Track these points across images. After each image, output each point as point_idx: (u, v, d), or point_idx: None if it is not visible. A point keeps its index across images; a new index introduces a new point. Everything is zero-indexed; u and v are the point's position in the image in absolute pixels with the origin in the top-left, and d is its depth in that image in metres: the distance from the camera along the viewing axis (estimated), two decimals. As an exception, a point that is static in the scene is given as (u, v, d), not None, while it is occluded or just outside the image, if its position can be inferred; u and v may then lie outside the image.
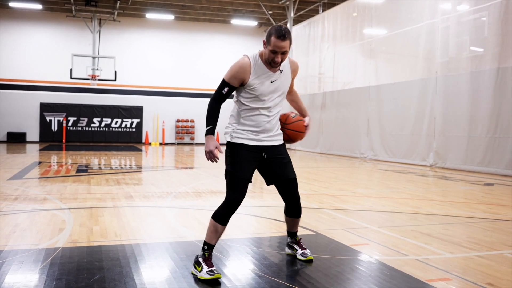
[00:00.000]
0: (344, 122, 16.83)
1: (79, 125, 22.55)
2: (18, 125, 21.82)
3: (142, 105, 23.30)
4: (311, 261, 3.43)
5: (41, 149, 17.00)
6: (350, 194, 7.06)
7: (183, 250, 3.66)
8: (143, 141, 23.36)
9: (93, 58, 20.31)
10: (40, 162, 11.66)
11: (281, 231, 4.38)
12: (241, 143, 3.17)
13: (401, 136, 13.79)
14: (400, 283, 2.98)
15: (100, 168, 10.65)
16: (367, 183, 8.78)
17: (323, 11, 18.88)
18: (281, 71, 3.18)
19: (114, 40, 22.55)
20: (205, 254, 3.11)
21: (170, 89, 23.68)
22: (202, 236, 4.07)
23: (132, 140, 23.17)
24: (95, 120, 22.74)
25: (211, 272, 2.99)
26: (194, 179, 8.70)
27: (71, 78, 19.94)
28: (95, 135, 22.76)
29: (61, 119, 22.20)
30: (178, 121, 23.85)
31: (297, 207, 3.40)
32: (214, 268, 3.04)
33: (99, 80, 20.32)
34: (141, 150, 18.23)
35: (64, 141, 22.01)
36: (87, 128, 22.66)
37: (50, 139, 21.99)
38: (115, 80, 20.65)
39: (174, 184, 7.87)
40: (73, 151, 16.84)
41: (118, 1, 19.32)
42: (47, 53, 21.99)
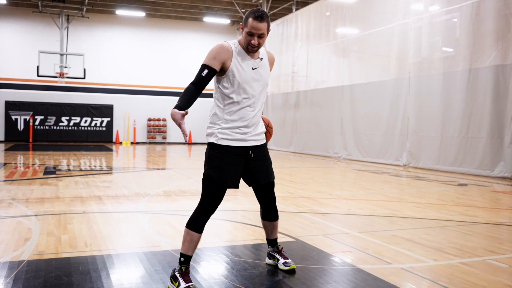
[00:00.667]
0: (318, 121, 16.81)
1: (46, 124, 21.88)
2: (-18, 124, 21.05)
3: (113, 103, 22.79)
4: (294, 270, 3.29)
5: (6, 149, 16.40)
6: (327, 197, 6.97)
7: (158, 262, 3.47)
8: (114, 140, 22.87)
9: (61, 55, 19.72)
10: (5, 164, 11.20)
11: (260, 238, 4.23)
12: (228, 145, 2.98)
13: (374, 135, 13.84)
14: (387, 295, 2.86)
15: (69, 169, 10.29)
16: (343, 185, 8.72)
17: (296, 9, 18.82)
18: (261, 59, 3.07)
19: (82, 37, 21.97)
20: (181, 268, 2.93)
21: (141, 87, 23.24)
22: (178, 245, 3.89)
23: (103, 139, 22.64)
24: (63, 118, 22.12)
25: (188, 288, 2.82)
26: (166, 180, 8.47)
27: (38, 75, 19.31)
28: (64, 134, 22.14)
29: (27, 117, 21.51)
30: (149, 120, 23.43)
31: (274, 209, 3.29)
32: (192, 284, 2.86)
33: (67, 78, 19.74)
34: (111, 150, 17.80)
35: (31, 140, 21.33)
36: (55, 127, 22.02)
37: (16, 139, 21.28)
38: (84, 78, 20.10)
39: (146, 186, 7.63)
40: (40, 151, 16.30)
41: (87, -3, 18.81)
42: (12, 49, 21.25)
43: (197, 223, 2.96)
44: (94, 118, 22.56)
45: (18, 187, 7.25)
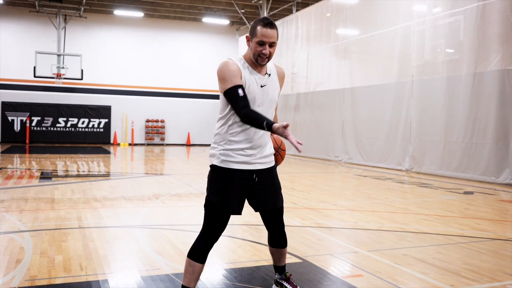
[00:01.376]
0: (318, 124, 16.60)
1: (43, 125, 21.62)
2: (-23, 125, 20.79)
3: (110, 104, 22.54)
4: (303, 300, 3.07)
5: (2, 152, 16.15)
6: (332, 207, 6.75)
7: (158, 289, 3.25)
8: (112, 141, 22.62)
9: (58, 56, 19.46)
10: (0, 169, 10.96)
11: (266, 259, 4.01)
12: (231, 168, 2.75)
13: (376, 139, 13.64)
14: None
15: (66, 175, 10.05)
16: (346, 193, 8.50)
17: (296, 10, 18.60)
18: (269, 75, 2.84)
19: (80, 37, 21.71)
20: None
21: (139, 88, 23.00)
22: (178, 268, 3.68)
23: (100, 140, 22.39)
24: (60, 120, 21.86)
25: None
26: (165, 188, 8.24)
27: (34, 76, 19.05)
28: (61, 135, 21.88)
29: (24, 118, 21.25)
30: (148, 121, 23.19)
31: (282, 235, 3.06)
32: None
33: (64, 78, 19.49)
34: (109, 152, 17.56)
35: (27, 142, 21.07)
36: (52, 128, 21.77)
37: (13, 140, 21.01)
38: (81, 79, 19.86)
39: (144, 196, 7.40)
40: (37, 153, 16.06)
41: (85, -3, 18.55)
42: (9, 50, 20.97)
43: (199, 252, 2.75)
44: (92, 119, 22.31)
45: (13, 195, 7.02)
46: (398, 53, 12.92)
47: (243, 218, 5.70)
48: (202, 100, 23.87)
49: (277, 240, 3.05)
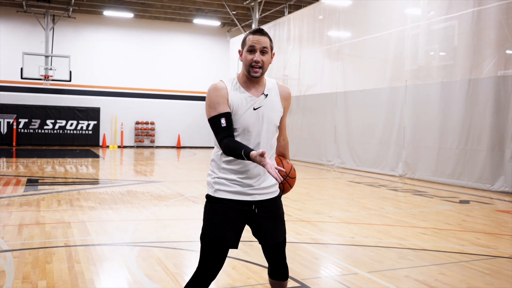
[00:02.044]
0: (310, 128, 16.44)
1: (31, 127, 21.24)
2: (-37, 127, 20.37)
3: (99, 106, 22.21)
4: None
5: (-12, 155, 15.79)
6: (327, 219, 6.58)
7: (148, 322, 3.03)
8: (101, 144, 22.29)
9: (46, 57, 19.10)
10: (-16, 175, 10.66)
11: (262, 283, 3.82)
12: (225, 198, 2.51)
13: (369, 144, 13.50)
14: None
15: (52, 182, 9.77)
16: (341, 202, 8.33)
17: (288, 12, 18.42)
18: (266, 95, 2.56)
19: (69, 38, 21.35)
20: None
21: (129, 90, 22.69)
22: (171, 296, 3.47)
23: (89, 143, 22.05)
24: (48, 122, 21.48)
25: None
26: (156, 198, 8.01)
27: (21, 78, 18.68)
28: (49, 137, 21.51)
29: (11, 120, 20.84)
30: (137, 123, 22.88)
31: (283, 268, 2.81)
32: None
33: (52, 80, 19.13)
34: (98, 156, 17.25)
35: (14, 144, 20.67)
36: (40, 131, 21.38)
37: (-1, 142, 20.62)
38: (69, 81, 19.51)
39: (134, 207, 7.17)
40: (24, 157, 15.73)
41: (73, -3, 18.21)
42: (-5, 50, 20.57)
43: None
44: (80, 121, 21.96)
45: (-4, 207, 6.76)
46: (391, 58, 12.80)
47: (237, 234, 5.48)
48: (193, 102, 23.61)
49: (278, 272, 2.82)
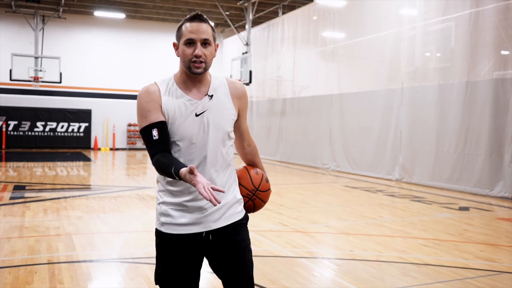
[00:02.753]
0: (305, 130, 16.21)
1: (20, 129, 20.84)
2: (-49, 130, 19.96)
3: (91, 108, 21.85)
4: None
5: (-25, 159, 15.44)
6: (324, 230, 6.34)
7: None
8: (92, 146, 21.94)
9: (36, 58, 18.73)
10: (-30, 181, 10.33)
11: (256, 307, 3.57)
12: (173, 233, 2.08)
13: (365, 147, 13.28)
14: None
15: (40, 189, 9.46)
16: (338, 211, 8.09)
17: (283, 13, 18.18)
18: (210, 96, 2.11)
19: (59, 39, 20.98)
20: None
21: (121, 91, 22.34)
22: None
23: (80, 145, 21.67)
24: (38, 124, 21.09)
25: None
26: (146, 206, 7.74)
27: (10, 80, 18.31)
28: (39, 140, 21.12)
29: (0, 123, 20.44)
30: (130, 125, 22.55)
31: None
32: None
33: (42, 82, 18.76)
34: (89, 160, 16.92)
35: (3, 147, 20.27)
36: (29, 133, 21.00)
37: (-12, 145, 20.22)
38: (60, 82, 19.14)
39: (123, 216, 6.90)
40: (13, 161, 15.39)
41: (63, -3, 17.86)
42: (-16, 51, 20.16)
43: None
44: (71, 123, 21.58)
45: (-21, 218, 6.46)
46: (387, 59, 12.58)
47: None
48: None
49: None
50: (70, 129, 21.58)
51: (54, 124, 21.33)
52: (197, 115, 2.08)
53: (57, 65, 18.78)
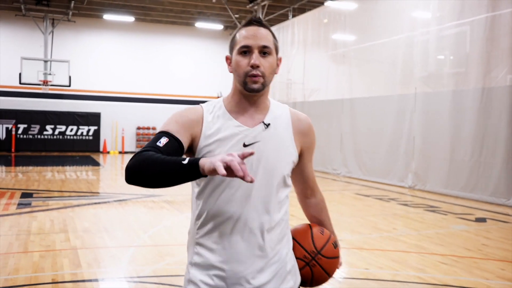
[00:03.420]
0: (316, 135, 15.93)
1: (30, 132, 20.83)
2: (-39, 133, 20.00)
3: (100, 111, 21.80)
4: None
5: (-16, 164, 15.42)
6: (337, 245, 6.13)
7: None
8: (101, 149, 21.89)
9: (45, 61, 18.71)
10: (-22, 188, 10.26)
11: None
12: None
13: (377, 153, 13.04)
14: None
15: (47, 197, 9.35)
16: (351, 222, 7.88)
17: (293, 16, 17.99)
18: (267, 125, 1.70)
19: (68, 42, 20.95)
20: None
21: (130, 95, 22.28)
22: None
23: (89, 148, 21.63)
24: (48, 127, 21.08)
25: None
26: (156, 218, 7.59)
27: (20, 83, 18.30)
28: (48, 143, 21.09)
29: (10, 126, 20.44)
30: (138, 128, 22.47)
31: None
32: None
33: (51, 85, 18.74)
34: (98, 164, 16.85)
35: (13, 150, 20.27)
36: (39, 136, 20.98)
37: (-2, 148, 20.22)
38: (69, 86, 19.12)
39: (131, 228, 6.75)
40: (22, 165, 15.35)
41: (73, 1, 17.81)
42: (-6, 55, 20.19)
43: None
44: (81, 127, 21.55)
45: (-16, 230, 6.34)
46: (400, 64, 12.33)
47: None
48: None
49: None
50: (79, 133, 21.54)
51: (63, 128, 21.31)
52: (245, 146, 1.66)
53: (66, 68, 18.77)
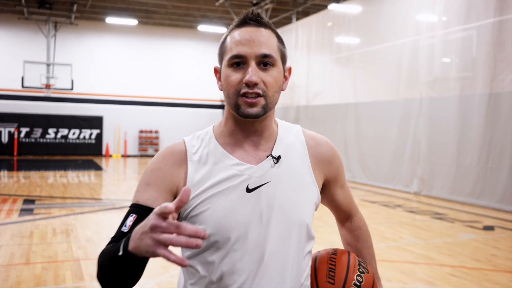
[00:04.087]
0: (320, 139, 15.85)
1: (32, 136, 20.78)
2: (-37, 137, 19.96)
3: (102, 114, 21.73)
4: None
5: (-13, 168, 15.36)
6: (344, 255, 6.02)
7: None
8: (104, 153, 21.81)
9: (48, 65, 18.65)
10: (-20, 194, 10.18)
11: None
12: None
13: (381, 158, 12.93)
14: None
15: (49, 204, 9.26)
16: (356, 228, 7.75)
17: (297, 19, 17.89)
18: (276, 158, 1.32)
19: (71, 45, 20.89)
20: None
21: (132, 98, 22.21)
22: None
23: (92, 152, 21.55)
24: (50, 130, 21.01)
25: None
26: (158, 225, 7.48)
27: (22, 87, 18.25)
28: (51, 147, 21.03)
29: (12, 130, 20.39)
30: (141, 131, 22.39)
31: None
32: None
33: (54, 88, 18.67)
34: (100, 168, 16.76)
35: (15, 154, 20.20)
36: (41, 140, 20.92)
37: (0, 152, 20.15)
38: (71, 89, 19.06)
39: (134, 237, 6.64)
40: (24, 170, 15.27)
41: (75, 4, 17.76)
42: (-4, 58, 20.15)
43: None
44: (83, 130, 21.49)
45: (-15, 239, 6.26)
46: (405, 68, 12.22)
47: None
48: (197, 110, 23.14)
49: None
50: (81, 136, 21.48)
51: (65, 131, 21.25)
52: (249, 191, 1.28)
53: (68, 72, 18.71)
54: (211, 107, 23.04)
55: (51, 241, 6.28)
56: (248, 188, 1.27)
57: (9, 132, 20.35)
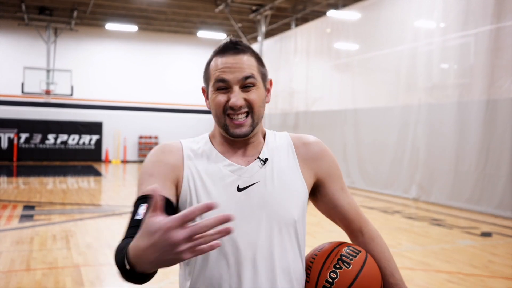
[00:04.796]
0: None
1: (32, 142, 20.80)
2: (-37, 142, 19.98)
3: (102, 120, 21.78)
4: None
5: (-14, 174, 15.38)
6: (342, 262, 6.05)
7: None
8: (103, 159, 21.84)
9: (47, 71, 18.71)
10: (-20, 200, 10.21)
11: None
12: None
13: (380, 164, 12.98)
14: None
15: (49, 210, 9.29)
16: (355, 234, 7.79)
17: (296, 25, 17.98)
18: (264, 161, 1.41)
19: (71, 51, 20.96)
20: None
21: (132, 104, 22.27)
22: None
23: (91, 158, 21.58)
24: (50, 136, 21.04)
25: None
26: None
27: (22, 92, 18.30)
28: (50, 153, 21.06)
29: (11, 135, 20.42)
30: (141, 137, 22.44)
31: None
32: None
33: (53, 94, 18.73)
34: (100, 174, 16.79)
35: (15, 159, 20.23)
36: (41, 146, 20.95)
37: (0, 158, 20.18)
38: (71, 95, 19.11)
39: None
40: (24, 176, 15.29)
41: (75, 11, 17.84)
42: (-4, 64, 20.21)
43: None
44: (83, 136, 21.52)
45: (-14, 246, 6.29)
46: (404, 74, 12.29)
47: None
48: (197, 116, 23.19)
49: None
50: (81, 142, 21.51)
51: (65, 137, 21.28)
52: (240, 190, 1.35)
53: (68, 77, 18.78)
54: (210, 113, 23.06)
55: (51, 247, 6.31)
56: (238, 187, 1.36)
57: (9, 137, 20.38)
